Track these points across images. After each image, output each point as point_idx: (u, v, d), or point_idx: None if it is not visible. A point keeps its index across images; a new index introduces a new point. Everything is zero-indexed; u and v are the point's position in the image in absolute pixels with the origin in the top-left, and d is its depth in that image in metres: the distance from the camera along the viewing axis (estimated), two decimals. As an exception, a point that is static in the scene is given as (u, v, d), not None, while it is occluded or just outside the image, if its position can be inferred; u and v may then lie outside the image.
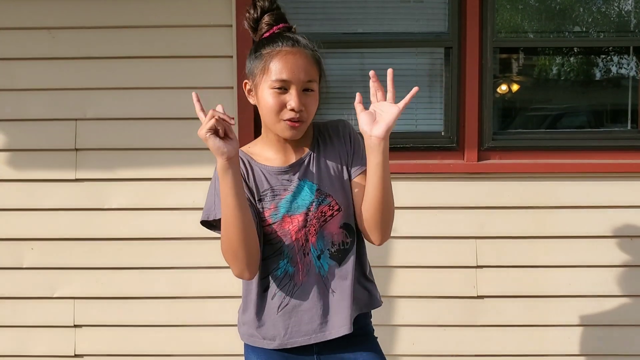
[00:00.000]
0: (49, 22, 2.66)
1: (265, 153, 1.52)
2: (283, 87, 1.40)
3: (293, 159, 1.50)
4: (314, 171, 1.48)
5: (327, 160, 1.50)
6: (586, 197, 2.68)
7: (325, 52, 2.60)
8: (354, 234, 1.51)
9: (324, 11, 2.75)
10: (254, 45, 1.49)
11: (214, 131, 1.31)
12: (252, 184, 1.48)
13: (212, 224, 1.51)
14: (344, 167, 1.50)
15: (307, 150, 1.51)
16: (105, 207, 2.70)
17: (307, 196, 1.46)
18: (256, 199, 1.46)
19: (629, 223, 2.67)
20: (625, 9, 2.86)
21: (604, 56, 3.02)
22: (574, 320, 2.70)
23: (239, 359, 2.72)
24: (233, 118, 1.34)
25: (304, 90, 1.42)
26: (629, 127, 2.96)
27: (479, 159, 2.70)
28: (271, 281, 1.48)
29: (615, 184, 2.67)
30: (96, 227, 2.71)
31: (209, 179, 2.64)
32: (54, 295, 2.74)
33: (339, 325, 1.47)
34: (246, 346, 1.59)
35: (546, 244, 2.69)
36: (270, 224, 1.45)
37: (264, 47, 1.44)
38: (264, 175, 1.48)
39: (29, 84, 2.68)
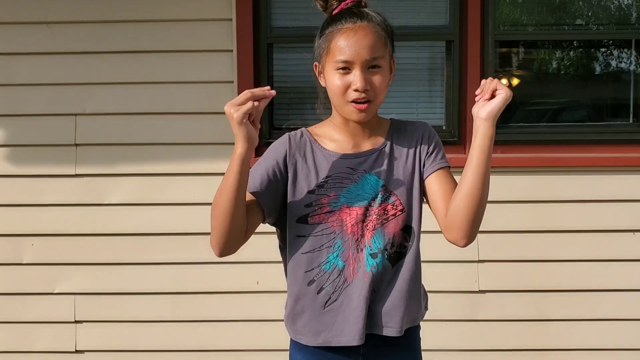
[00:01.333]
0: (48, 17, 2.65)
1: (333, 135, 1.44)
2: (347, 68, 1.34)
3: (363, 147, 1.42)
4: (384, 166, 1.41)
5: (400, 158, 1.42)
6: (588, 191, 2.67)
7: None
8: (414, 239, 1.42)
9: (324, 5, 2.73)
10: (322, 25, 1.42)
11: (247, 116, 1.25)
12: (311, 168, 1.40)
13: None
14: (417, 168, 1.42)
15: (379, 141, 1.44)
16: (106, 202, 2.69)
17: (370, 190, 1.39)
18: (314, 184, 1.39)
19: (632, 217, 2.67)
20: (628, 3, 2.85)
21: (605, 49, 3.00)
22: (575, 314, 2.69)
23: (240, 354, 2.72)
24: (271, 90, 1.30)
25: (371, 68, 1.35)
26: (630, 121, 2.94)
27: (480, 153, 2.68)
28: (318, 275, 1.40)
29: (617, 178, 2.67)
30: (96, 222, 2.70)
31: (210, 174, 2.66)
32: (55, 291, 2.73)
33: (386, 325, 1.40)
34: (292, 342, 1.50)
35: (548, 238, 2.68)
36: (328, 212, 1.38)
37: (328, 26, 1.38)
38: (327, 160, 1.41)
39: (27, 79, 2.67)
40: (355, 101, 1.35)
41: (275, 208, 1.42)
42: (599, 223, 2.67)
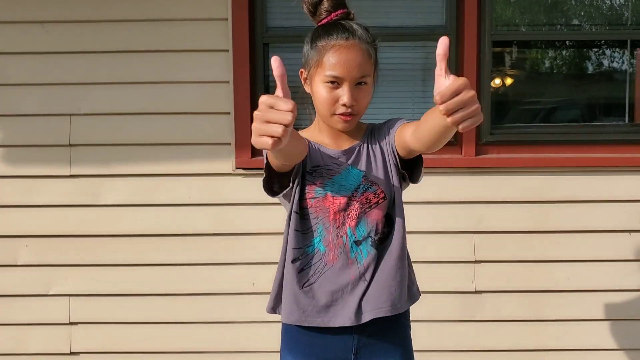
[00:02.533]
0: (42, 16, 2.63)
1: (317, 137, 1.54)
2: (336, 82, 1.41)
3: (345, 146, 1.51)
4: (365, 159, 1.50)
5: (376, 151, 1.51)
6: (584, 192, 2.67)
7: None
8: (392, 224, 1.49)
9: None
10: (310, 34, 1.49)
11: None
12: (309, 154, 1.49)
13: (273, 189, 1.45)
14: (390, 153, 1.49)
15: (359, 138, 1.53)
16: (100, 203, 2.68)
17: (353, 181, 1.47)
18: (306, 170, 1.47)
19: (627, 217, 2.67)
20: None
21: (600, 50, 3.01)
22: (572, 314, 2.70)
23: (236, 356, 2.72)
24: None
25: (357, 84, 1.43)
26: (624, 121, 2.95)
27: (476, 154, 2.69)
28: (302, 256, 1.48)
29: (612, 178, 2.67)
30: (91, 223, 2.69)
31: (205, 174, 2.65)
32: (49, 293, 2.71)
33: (375, 308, 1.46)
34: (282, 343, 1.59)
35: (544, 239, 2.68)
36: (312, 198, 1.46)
37: (320, 38, 1.44)
38: (318, 152, 1.50)
39: (22, 79, 2.65)
40: (342, 114, 1.43)
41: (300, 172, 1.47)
42: (595, 223, 2.68)
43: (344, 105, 1.41)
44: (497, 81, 2.99)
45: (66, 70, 2.65)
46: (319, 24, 1.49)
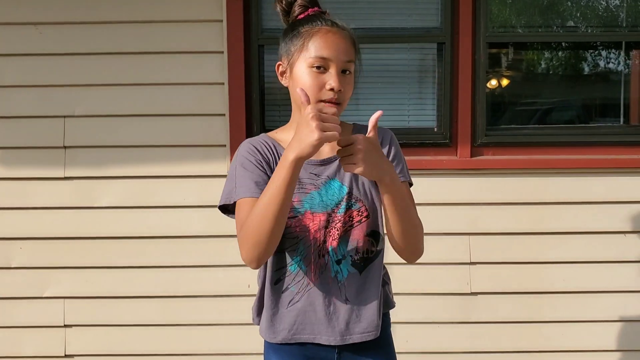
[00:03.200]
0: (36, 18, 2.62)
1: None
2: (322, 66, 1.35)
3: (325, 153, 1.43)
4: (347, 173, 1.40)
5: None
6: (579, 193, 2.67)
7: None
8: (382, 243, 1.45)
9: (316, 6, 2.72)
10: (288, 26, 1.44)
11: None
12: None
13: (228, 208, 1.44)
14: None
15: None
16: (95, 205, 2.67)
17: (334, 196, 1.40)
18: None
19: (622, 218, 2.67)
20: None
21: (596, 51, 3.01)
22: (567, 316, 2.70)
23: (232, 358, 2.71)
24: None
25: (342, 72, 1.37)
26: (620, 122, 2.96)
27: (472, 155, 2.69)
28: (284, 276, 1.43)
29: (608, 180, 2.67)
30: (86, 225, 2.68)
31: (200, 176, 2.65)
32: (44, 295, 2.70)
33: (364, 332, 1.43)
34: (265, 343, 1.53)
35: (540, 240, 2.68)
36: (291, 218, 1.38)
37: (302, 25, 1.39)
38: None
39: (15, 80, 2.64)
40: (328, 101, 1.35)
41: None
42: (590, 225, 2.68)
43: (331, 89, 1.34)
44: (493, 82, 3.00)
45: (60, 71, 2.64)
46: (294, 20, 1.44)
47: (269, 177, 1.34)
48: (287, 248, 1.41)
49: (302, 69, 1.36)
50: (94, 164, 2.66)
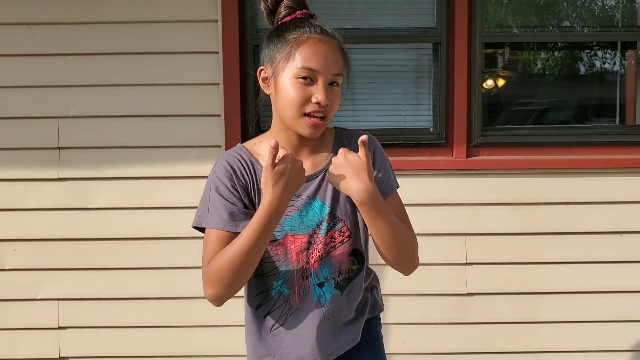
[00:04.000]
0: (29, 18, 2.60)
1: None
2: (309, 78, 1.27)
3: (306, 169, 1.32)
4: (330, 191, 1.34)
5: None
6: (575, 193, 2.67)
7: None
8: (362, 261, 1.40)
9: (311, 7, 2.71)
10: (273, 29, 1.34)
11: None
12: (254, 194, 1.33)
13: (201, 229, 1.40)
14: None
15: (322, 160, 1.38)
16: (90, 206, 2.66)
17: (315, 217, 1.34)
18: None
19: (618, 219, 2.67)
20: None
21: (592, 51, 3.02)
22: (563, 316, 2.70)
23: (227, 359, 2.70)
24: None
25: (330, 84, 1.29)
26: (616, 123, 2.96)
27: (467, 156, 2.69)
28: (265, 300, 1.38)
29: (604, 180, 2.67)
30: (80, 227, 2.66)
31: (195, 177, 2.63)
32: (38, 297, 2.69)
33: (342, 344, 1.40)
34: None
35: (536, 240, 2.68)
36: (271, 242, 1.32)
37: (289, 31, 1.30)
38: None
39: (9, 81, 2.62)
40: (311, 114, 1.28)
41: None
42: (586, 225, 2.68)
43: (317, 103, 1.26)
44: (489, 82, 3.00)
45: (54, 72, 2.62)
46: (279, 22, 1.35)
47: (243, 204, 1.31)
48: (267, 272, 1.36)
49: (287, 79, 1.28)
50: (88, 164, 2.65)
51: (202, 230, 1.38)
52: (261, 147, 1.38)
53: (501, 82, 3.09)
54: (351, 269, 1.38)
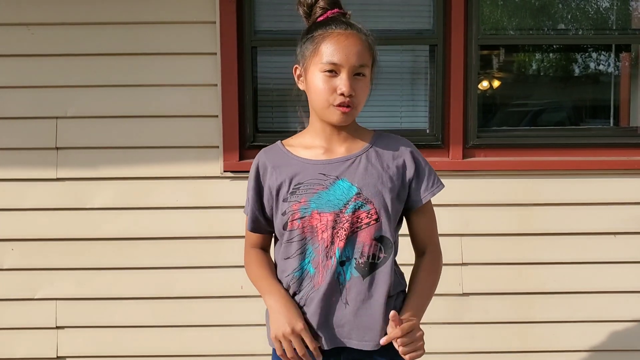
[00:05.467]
0: (28, 18, 2.61)
1: (308, 142, 1.46)
2: (333, 71, 1.36)
3: (337, 152, 1.44)
4: (360, 173, 1.41)
5: (380, 168, 1.43)
6: (570, 194, 2.69)
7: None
8: (390, 250, 1.42)
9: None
10: (305, 29, 1.45)
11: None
12: (285, 178, 1.42)
13: None
14: (399, 187, 1.44)
15: (357, 148, 1.45)
16: (88, 206, 2.66)
17: (342, 196, 1.39)
18: (288, 192, 1.41)
19: (612, 219, 2.69)
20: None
21: (586, 53, 3.04)
22: (559, 316, 2.71)
23: (225, 358, 2.70)
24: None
25: (355, 75, 1.37)
26: (610, 124, 2.98)
27: (463, 157, 2.70)
28: (292, 281, 1.43)
29: (598, 181, 2.69)
30: (78, 227, 2.67)
31: (193, 177, 2.64)
32: (36, 297, 2.69)
33: (362, 340, 1.41)
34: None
35: (531, 241, 2.70)
36: (299, 218, 1.39)
37: (316, 29, 1.40)
38: (300, 167, 1.43)
39: (7, 81, 2.63)
40: (340, 104, 1.37)
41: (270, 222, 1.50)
42: (581, 226, 2.70)
43: (341, 94, 1.35)
44: (485, 84, 3.02)
45: (52, 72, 2.63)
46: (314, 22, 1.45)
47: (261, 206, 1.48)
48: (294, 253, 1.42)
49: (315, 73, 1.38)
50: (86, 165, 2.65)
51: None
52: (296, 140, 1.50)
53: (497, 84, 3.11)
54: (377, 255, 1.40)
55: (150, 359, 2.72)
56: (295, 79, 1.47)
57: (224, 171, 2.65)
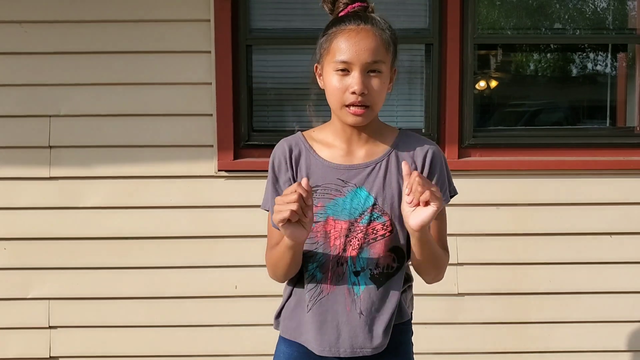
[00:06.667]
0: (21, 16, 2.59)
1: (330, 140, 1.40)
2: (346, 69, 1.30)
3: (357, 156, 1.38)
4: (378, 183, 1.36)
5: (398, 176, 1.37)
6: (566, 195, 2.68)
7: (305, 48, 2.58)
8: (403, 259, 1.40)
9: (305, 7, 2.72)
10: (325, 27, 1.40)
11: (288, 220, 1.22)
12: (304, 176, 1.37)
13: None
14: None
15: (378, 153, 1.39)
16: (81, 205, 2.65)
17: (358, 205, 1.35)
18: None
19: (608, 220, 2.69)
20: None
21: (583, 53, 3.04)
22: (553, 317, 2.71)
23: (219, 359, 2.69)
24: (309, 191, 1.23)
25: (370, 72, 1.31)
26: (607, 125, 2.98)
27: (459, 156, 2.70)
28: (303, 282, 1.41)
29: (594, 181, 2.69)
30: (71, 226, 2.65)
31: (187, 176, 2.63)
32: (28, 296, 2.68)
33: (372, 347, 1.38)
34: (280, 337, 1.49)
35: (526, 241, 2.69)
36: (314, 222, 1.33)
37: (332, 26, 1.35)
38: (319, 168, 1.38)
39: (0, 79, 2.61)
40: (352, 105, 1.31)
41: None
42: (577, 226, 2.69)
43: (353, 93, 1.29)
44: (481, 84, 3.01)
45: (46, 70, 2.61)
46: (335, 17, 1.40)
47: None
48: (307, 253, 1.37)
49: (329, 72, 1.33)
50: (79, 163, 2.64)
51: None
52: (319, 134, 1.43)
53: (493, 84, 3.11)
54: (391, 265, 1.38)
55: (144, 358, 2.71)
56: (317, 77, 1.42)
57: (219, 170, 2.63)
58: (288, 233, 1.24)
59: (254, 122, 2.74)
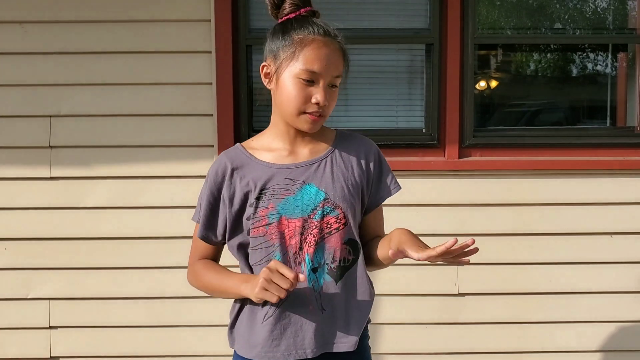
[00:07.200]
0: (21, 16, 2.59)
1: (271, 144, 1.42)
2: (311, 80, 1.32)
3: (301, 155, 1.40)
4: (327, 177, 1.39)
5: (345, 170, 1.41)
6: (566, 195, 2.68)
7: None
8: (358, 251, 1.41)
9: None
10: (278, 26, 1.38)
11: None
12: (249, 183, 1.37)
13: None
14: (362, 187, 1.42)
15: (321, 150, 1.42)
16: (81, 205, 2.65)
17: (310, 201, 1.36)
18: (253, 197, 1.36)
19: (608, 220, 2.69)
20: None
21: (584, 53, 3.03)
22: (554, 317, 2.71)
23: (218, 359, 2.69)
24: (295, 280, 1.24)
25: (330, 86, 1.35)
26: (607, 125, 2.98)
27: (459, 156, 2.70)
28: None
29: (594, 181, 2.69)
30: (72, 226, 2.65)
31: (187, 176, 2.63)
32: (29, 296, 2.68)
33: (338, 342, 1.38)
34: (235, 355, 1.48)
35: (527, 241, 2.69)
36: (267, 224, 1.35)
37: (294, 30, 1.34)
38: (265, 172, 1.38)
39: (1, 79, 2.61)
40: (312, 113, 1.34)
41: (225, 231, 1.44)
42: (577, 226, 2.69)
43: (316, 104, 1.33)
44: (481, 84, 3.01)
45: (46, 71, 2.61)
46: (283, 18, 1.38)
47: (221, 202, 1.40)
48: (262, 259, 1.37)
49: (290, 77, 1.33)
50: (80, 163, 2.64)
51: None
52: (257, 142, 1.45)
53: (493, 84, 3.10)
54: (347, 258, 1.39)
55: (144, 359, 2.70)
56: (262, 76, 1.41)
57: (219, 170, 2.63)
58: (258, 299, 1.29)
59: (254, 122, 2.74)
